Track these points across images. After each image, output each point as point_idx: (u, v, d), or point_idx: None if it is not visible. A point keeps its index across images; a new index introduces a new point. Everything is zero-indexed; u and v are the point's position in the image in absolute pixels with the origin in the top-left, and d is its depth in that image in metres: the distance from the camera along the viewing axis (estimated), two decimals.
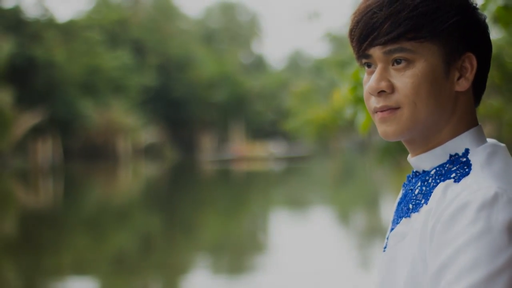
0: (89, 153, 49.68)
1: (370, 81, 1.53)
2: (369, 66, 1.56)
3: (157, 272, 12.44)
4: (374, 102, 1.54)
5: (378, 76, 1.52)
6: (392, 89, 1.51)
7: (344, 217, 20.96)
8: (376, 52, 1.52)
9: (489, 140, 1.57)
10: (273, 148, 58.83)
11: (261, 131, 63.06)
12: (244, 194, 28.75)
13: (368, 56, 1.54)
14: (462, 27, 1.51)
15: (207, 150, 59.04)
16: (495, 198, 1.41)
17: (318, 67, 63.56)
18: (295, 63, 78.84)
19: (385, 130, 1.54)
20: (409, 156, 1.60)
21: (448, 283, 1.39)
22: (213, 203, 24.81)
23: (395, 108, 1.51)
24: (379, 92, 1.52)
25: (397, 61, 1.51)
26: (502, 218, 1.40)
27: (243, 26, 73.47)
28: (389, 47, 1.50)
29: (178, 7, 65.84)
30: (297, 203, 24.13)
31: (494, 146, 1.55)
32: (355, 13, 1.54)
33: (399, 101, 1.51)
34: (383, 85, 1.51)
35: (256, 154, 55.39)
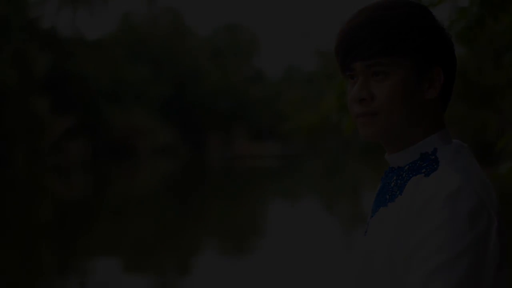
0: (114, 152, 49.67)
1: (353, 90, 1.53)
2: (352, 77, 1.56)
3: (172, 253, 12.44)
4: (356, 109, 1.54)
5: (359, 87, 1.52)
6: (372, 97, 1.51)
7: (330, 204, 20.94)
8: (358, 66, 1.52)
9: (454, 140, 1.57)
10: (271, 148, 58.81)
11: (261, 133, 63.00)
12: (246, 186, 28.74)
13: (351, 69, 1.54)
14: (431, 44, 1.52)
15: (215, 149, 59.01)
16: (459, 190, 1.42)
17: (309, 79, 63.54)
18: (290, 75, 78.72)
19: (365, 132, 1.54)
20: (386, 154, 1.60)
21: (419, 263, 1.40)
22: (220, 194, 24.80)
23: (374, 114, 1.51)
24: (360, 100, 1.52)
25: (376, 74, 1.51)
26: (465, 207, 1.40)
27: (245, 43, 73.35)
28: (369, 62, 1.50)
29: (190, 28, 65.66)
30: (291, 193, 24.12)
31: (459, 145, 1.55)
32: (340, 32, 1.55)
33: (377, 108, 1.51)
34: (364, 94, 1.51)
35: (256, 152, 55.38)
